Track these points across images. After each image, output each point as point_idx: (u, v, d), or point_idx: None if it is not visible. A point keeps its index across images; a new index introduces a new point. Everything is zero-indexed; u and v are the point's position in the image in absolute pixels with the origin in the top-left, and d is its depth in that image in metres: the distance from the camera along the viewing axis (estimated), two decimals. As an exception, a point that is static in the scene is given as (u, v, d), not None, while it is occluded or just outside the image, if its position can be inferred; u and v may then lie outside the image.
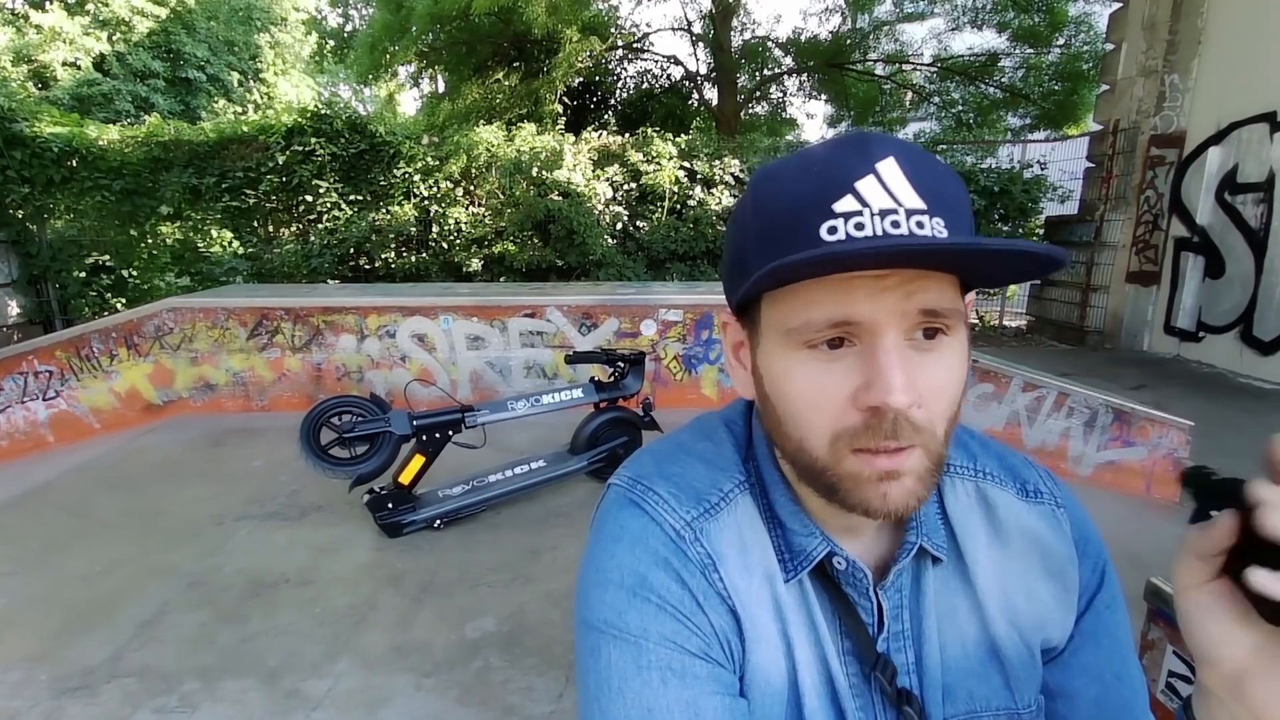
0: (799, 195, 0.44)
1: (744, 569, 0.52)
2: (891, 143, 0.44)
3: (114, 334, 4.23)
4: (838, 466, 0.46)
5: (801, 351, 0.46)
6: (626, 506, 0.54)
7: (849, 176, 0.42)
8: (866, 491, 0.46)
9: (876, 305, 0.43)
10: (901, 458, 0.45)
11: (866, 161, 0.43)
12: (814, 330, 0.45)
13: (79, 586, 2.47)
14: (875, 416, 0.43)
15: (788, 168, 0.46)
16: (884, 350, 0.43)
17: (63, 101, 10.72)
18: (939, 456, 0.47)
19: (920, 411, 0.44)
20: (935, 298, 0.44)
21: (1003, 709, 0.55)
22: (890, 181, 0.42)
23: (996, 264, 0.43)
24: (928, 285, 0.43)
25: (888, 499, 0.45)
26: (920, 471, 0.46)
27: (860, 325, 0.43)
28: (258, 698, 1.91)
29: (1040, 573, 0.56)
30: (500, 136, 7.32)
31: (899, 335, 0.44)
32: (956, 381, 0.47)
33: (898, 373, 0.42)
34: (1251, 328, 5.85)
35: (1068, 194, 8.00)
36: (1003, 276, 0.47)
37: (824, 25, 12.97)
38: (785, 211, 0.44)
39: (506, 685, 1.97)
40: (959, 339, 0.47)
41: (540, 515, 3.07)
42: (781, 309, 0.47)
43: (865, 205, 0.42)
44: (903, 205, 0.42)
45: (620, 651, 0.49)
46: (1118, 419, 3.37)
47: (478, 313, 4.54)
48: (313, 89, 16.19)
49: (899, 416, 0.43)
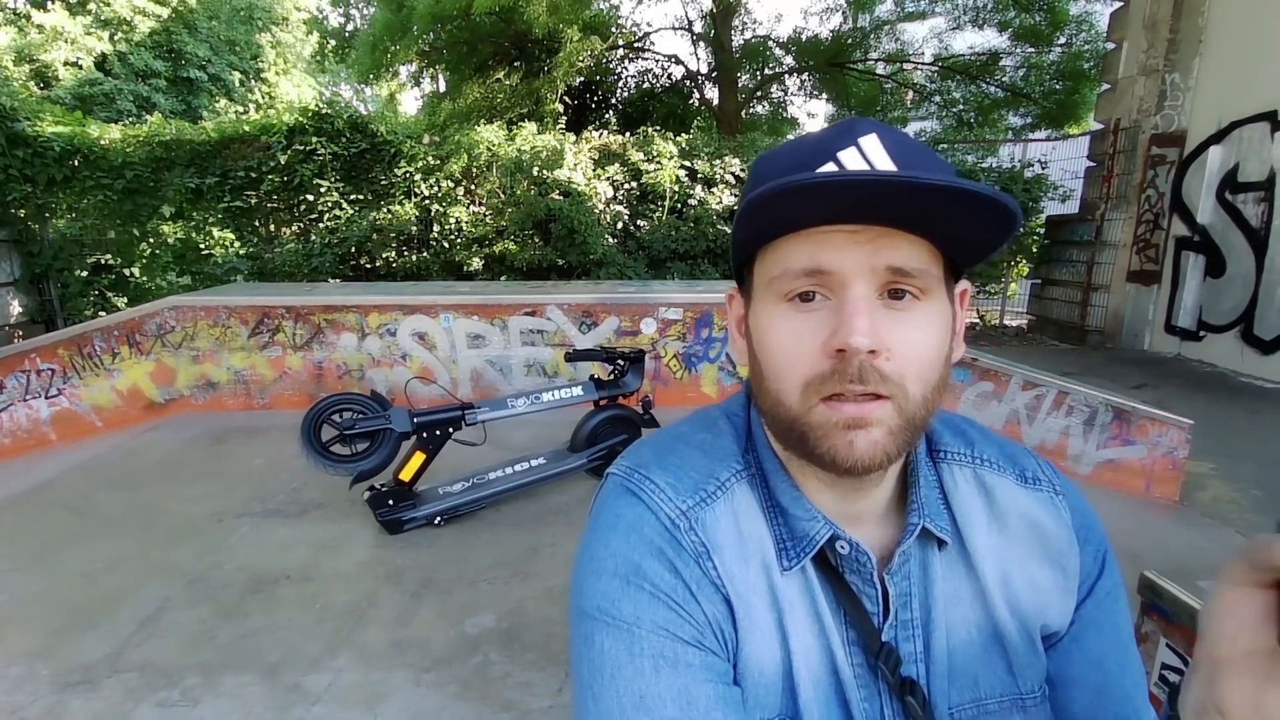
0: (786, 165, 0.48)
1: (740, 558, 0.52)
2: (877, 125, 0.48)
3: (116, 332, 4.24)
4: (808, 415, 0.48)
5: (782, 304, 0.49)
6: (623, 495, 0.55)
7: (833, 148, 0.47)
8: (834, 439, 0.47)
9: (845, 256, 0.46)
10: (870, 407, 0.46)
11: (850, 137, 0.47)
12: (791, 278, 0.48)
13: (80, 583, 2.48)
14: (842, 361, 0.46)
15: (782, 148, 0.51)
16: (850, 299, 0.46)
17: (65, 101, 10.73)
18: (913, 417, 0.47)
19: (888, 364, 0.46)
20: (904, 256, 0.46)
21: (1007, 695, 0.55)
22: (870, 152, 0.46)
23: (953, 211, 0.44)
24: (897, 243, 0.46)
25: (854, 447, 0.47)
26: (890, 424, 0.47)
27: (831, 276, 0.46)
28: (258, 693, 1.92)
29: (1040, 558, 0.57)
30: (501, 136, 7.32)
31: (868, 288, 0.46)
32: (930, 345, 0.48)
33: (861, 318, 0.45)
34: (1252, 327, 5.84)
35: (1069, 193, 7.99)
36: (968, 235, 0.47)
37: (825, 24, 12.95)
38: (771, 179, 0.47)
39: (505, 680, 1.97)
40: (934, 305, 0.48)
41: (540, 512, 3.08)
42: (767, 264, 0.50)
43: (843, 169, 0.46)
44: (876, 168, 0.46)
45: (613, 639, 0.49)
46: (1117, 418, 3.37)
47: (478, 311, 4.54)
48: (314, 88, 16.20)
49: (864, 363, 0.45)
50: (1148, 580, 1.09)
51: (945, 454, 0.59)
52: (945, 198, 0.42)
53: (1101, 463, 3.43)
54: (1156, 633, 1.07)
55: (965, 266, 0.52)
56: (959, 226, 0.46)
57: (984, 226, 0.45)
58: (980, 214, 0.44)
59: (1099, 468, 3.44)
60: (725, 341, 4.60)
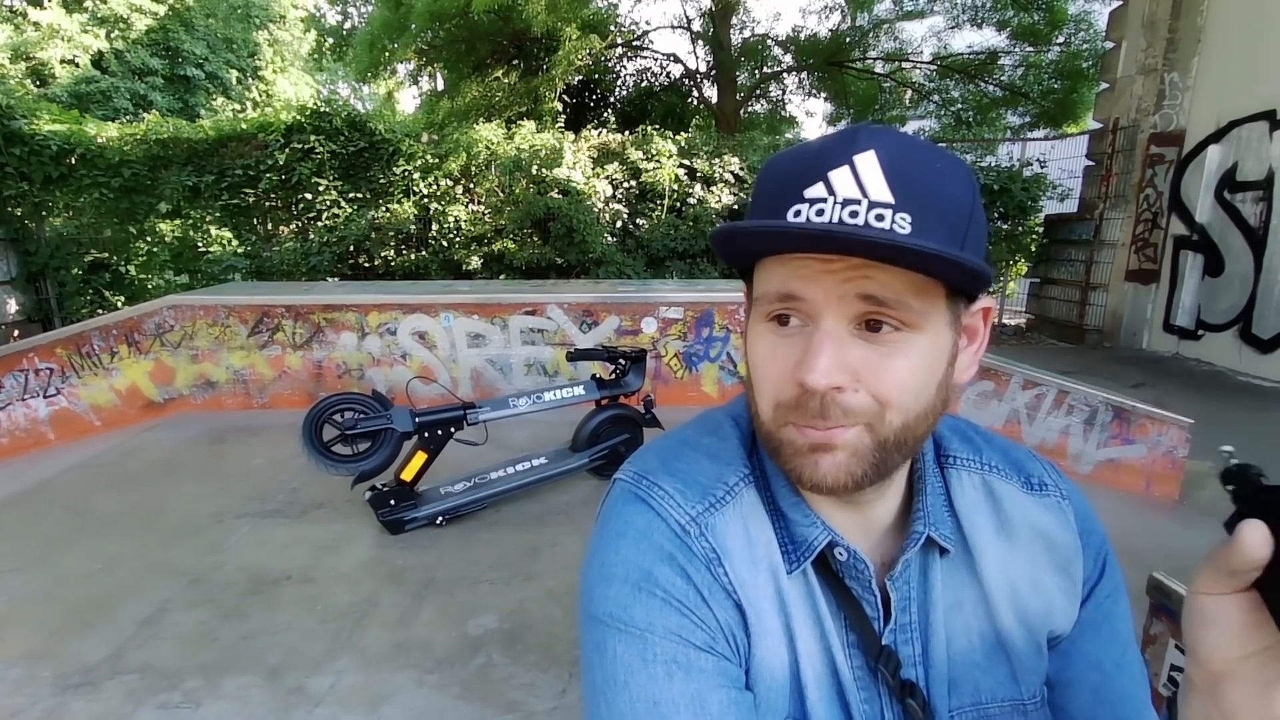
0: (785, 177, 0.46)
1: (749, 562, 0.52)
2: (882, 136, 0.45)
3: (115, 331, 4.22)
4: (778, 432, 0.49)
5: (764, 322, 0.49)
6: (631, 501, 0.54)
7: (825, 165, 0.44)
8: (800, 459, 0.48)
9: (817, 286, 0.45)
10: (834, 433, 0.46)
11: (846, 153, 0.44)
12: (769, 301, 0.48)
13: (80, 584, 2.47)
14: (805, 394, 0.45)
15: (788, 153, 0.49)
16: (819, 332, 0.45)
17: (61, 99, 10.68)
18: (887, 441, 0.47)
19: (856, 396, 0.45)
20: (879, 287, 0.44)
21: (1008, 700, 0.55)
22: (864, 173, 0.43)
23: (929, 264, 0.42)
24: (874, 274, 0.44)
25: (819, 469, 0.47)
26: (858, 447, 0.47)
27: (804, 303, 0.46)
28: (260, 694, 1.92)
29: (1046, 565, 0.56)
30: (500, 134, 7.31)
31: (838, 320, 0.45)
32: (912, 374, 0.46)
33: (824, 355, 0.44)
34: (1250, 326, 5.85)
35: (1067, 192, 7.99)
36: (951, 277, 0.45)
37: (824, 23, 12.94)
38: (770, 192, 0.47)
39: (508, 682, 1.97)
40: (926, 336, 0.46)
41: (541, 512, 3.08)
42: (757, 279, 0.50)
43: (832, 194, 0.43)
44: (868, 197, 0.43)
45: (626, 645, 0.49)
46: (1117, 417, 3.38)
47: (478, 310, 4.54)
48: (312, 87, 16.17)
49: (825, 397, 0.45)
50: (1156, 581, 1.09)
51: (953, 460, 0.59)
52: (912, 259, 0.41)
53: (1101, 462, 3.44)
54: (1165, 634, 1.07)
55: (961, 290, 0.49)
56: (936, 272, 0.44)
57: (957, 278, 0.45)
58: (951, 271, 0.43)
59: (1099, 467, 3.44)
60: (726, 341, 4.60)
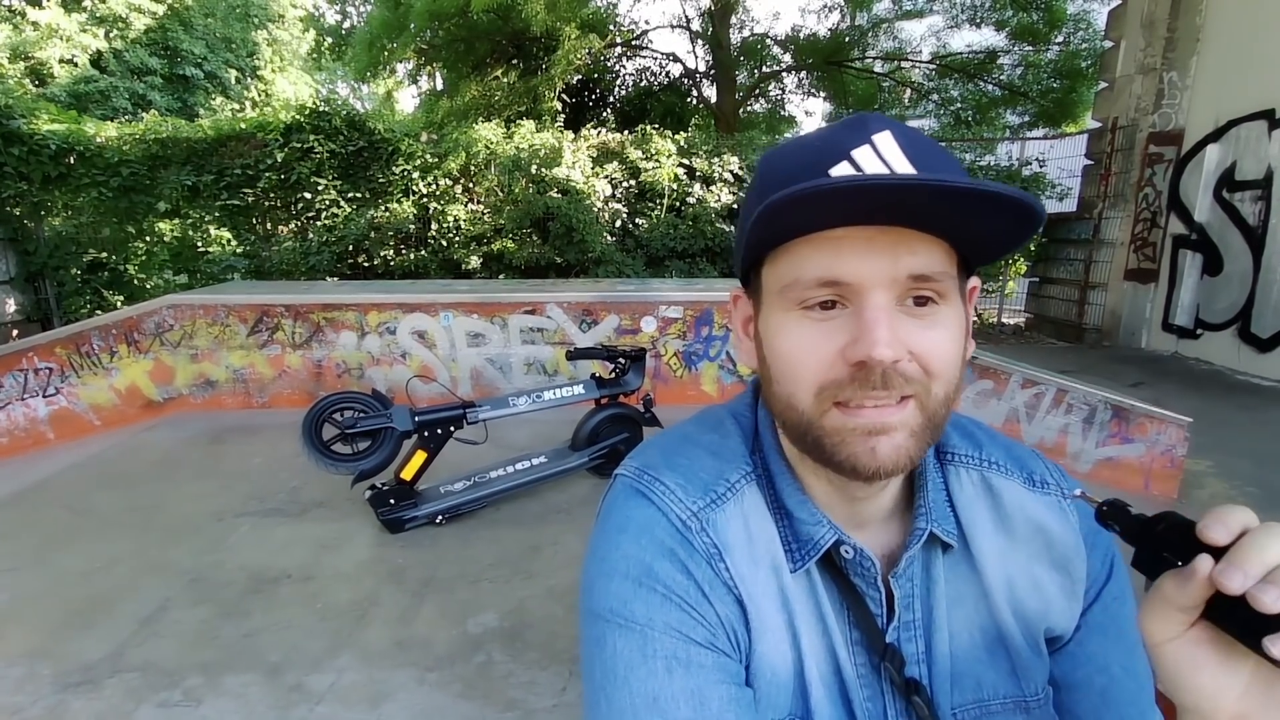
0: (797, 165, 0.46)
1: (750, 559, 0.52)
2: (890, 121, 0.46)
3: (114, 331, 4.22)
4: (822, 420, 0.47)
5: (794, 311, 0.47)
6: (633, 497, 0.54)
7: (846, 146, 0.45)
8: (854, 446, 0.46)
9: (864, 266, 0.44)
10: (890, 411, 0.45)
11: (863, 134, 0.45)
12: (804, 288, 0.46)
13: (80, 583, 2.47)
14: (862, 370, 0.44)
15: (789, 144, 0.49)
16: (871, 308, 0.44)
17: (60, 98, 10.66)
18: (934, 415, 0.47)
19: (912, 366, 0.45)
20: (924, 262, 0.44)
21: (1010, 697, 0.55)
22: (885, 151, 0.44)
23: (975, 213, 0.42)
24: (915, 248, 0.44)
25: (877, 454, 0.46)
26: (913, 426, 0.46)
27: (849, 286, 0.45)
28: (261, 692, 1.92)
29: (1045, 562, 0.56)
30: (499, 134, 7.30)
31: (888, 296, 0.44)
32: (952, 345, 0.47)
33: (884, 328, 0.43)
34: (1249, 325, 5.86)
35: (1066, 191, 8.00)
36: (988, 236, 0.45)
37: (823, 23, 12.98)
38: (782, 179, 0.45)
39: (509, 680, 1.97)
40: (954, 308, 0.47)
41: (541, 511, 3.08)
42: (777, 269, 0.48)
43: (859, 170, 0.43)
44: (894, 170, 0.43)
45: (626, 641, 0.49)
46: (1116, 416, 3.38)
47: (478, 309, 4.54)
48: (311, 86, 16.15)
49: (888, 369, 0.44)
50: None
51: (952, 456, 0.59)
52: (973, 200, 0.41)
53: (1100, 460, 3.44)
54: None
55: (979, 264, 0.51)
56: (980, 228, 0.44)
57: (1006, 227, 0.44)
58: (1003, 215, 0.43)
59: (1098, 465, 3.45)
60: (725, 340, 4.60)
